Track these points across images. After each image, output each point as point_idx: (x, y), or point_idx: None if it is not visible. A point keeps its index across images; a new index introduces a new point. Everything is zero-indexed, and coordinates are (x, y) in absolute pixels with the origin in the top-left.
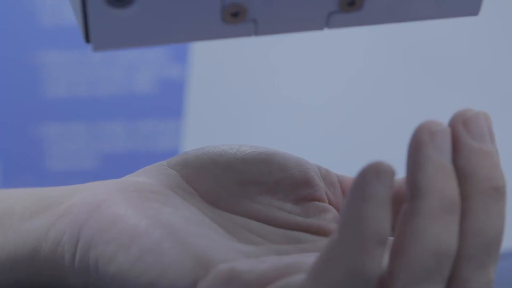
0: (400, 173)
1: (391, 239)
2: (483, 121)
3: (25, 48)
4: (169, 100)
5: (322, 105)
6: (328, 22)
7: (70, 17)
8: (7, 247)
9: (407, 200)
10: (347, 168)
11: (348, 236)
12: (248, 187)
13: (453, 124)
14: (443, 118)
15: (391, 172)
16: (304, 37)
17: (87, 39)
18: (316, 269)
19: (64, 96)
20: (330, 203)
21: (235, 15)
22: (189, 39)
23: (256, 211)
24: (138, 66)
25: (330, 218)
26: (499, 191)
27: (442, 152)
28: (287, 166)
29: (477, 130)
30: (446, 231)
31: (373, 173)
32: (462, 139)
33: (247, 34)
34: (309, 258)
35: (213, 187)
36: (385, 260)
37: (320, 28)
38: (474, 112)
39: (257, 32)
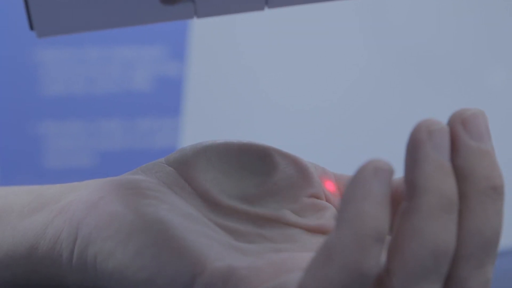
0: (398, 174)
1: (389, 238)
2: (481, 120)
3: (21, 46)
4: (167, 98)
5: (321, 104)
6: (267, 1)
7: None
8: (5, 245)
9: (406, 198)
10: (345, 169)
11: (346, 233)
12: (245, 184)
13: (451, 123)
14: (441, 119)
15: (389, 170)
16: (302, 36)
17: (31, 26)
18: (313, 266)
19: (61, 94)
20: (328, 201)
21: None
22: (130, 23)
23: (253, 209)
24: (135, 64)
25: (328, 216)
26: (497, 191)
27: (441, 151)
28: (285, 162)
29: (475, 130)
30: (444, 229)
31: (371, 170)
32: (460, 138)
33: (188, 16)
34: (306, 255)
35: (210, 184)
36: (383, 258)
37: (260, 8)
38: (472, 112)
39: (197, 13)
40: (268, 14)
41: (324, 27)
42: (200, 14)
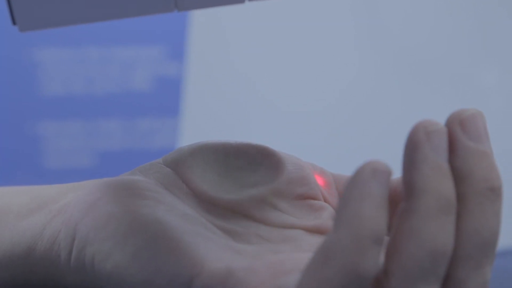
0: (396, 175)
1: (387, 238)
2: (479, 121)
3: (21, 46)
4: (166, 98)
5: (319, 105)
6: None
7: None
8: (3, 246)
9: (404, 199)
10: (342, 170)
11: (344, 235)
12: (242, 184)
13: (449, 124)
14: (437, 119)
15: (387, 171)
16: (301, 37)
17: (13, 21)
18: (311, 267)
19: (61, 94)
20: (325, 202)
21: None
22: (111, 16)
23: (251, 210)
24: (135, 64)
25: (326, 216)
26: (495, 192)
27: (439, 152)
28: (282, 163)
29: (473, 131)
30: (442, 231)
31: (369, 171)
32: (459, 139)
33: (168, 9)
34: (304, 255)
35: (207, 185)
36: (382, 259)
37: (240, 1)
38: (470, 113)
39: (177, 6)
40: (268, 15)
41: (324, 28)
42: (180, 7)
